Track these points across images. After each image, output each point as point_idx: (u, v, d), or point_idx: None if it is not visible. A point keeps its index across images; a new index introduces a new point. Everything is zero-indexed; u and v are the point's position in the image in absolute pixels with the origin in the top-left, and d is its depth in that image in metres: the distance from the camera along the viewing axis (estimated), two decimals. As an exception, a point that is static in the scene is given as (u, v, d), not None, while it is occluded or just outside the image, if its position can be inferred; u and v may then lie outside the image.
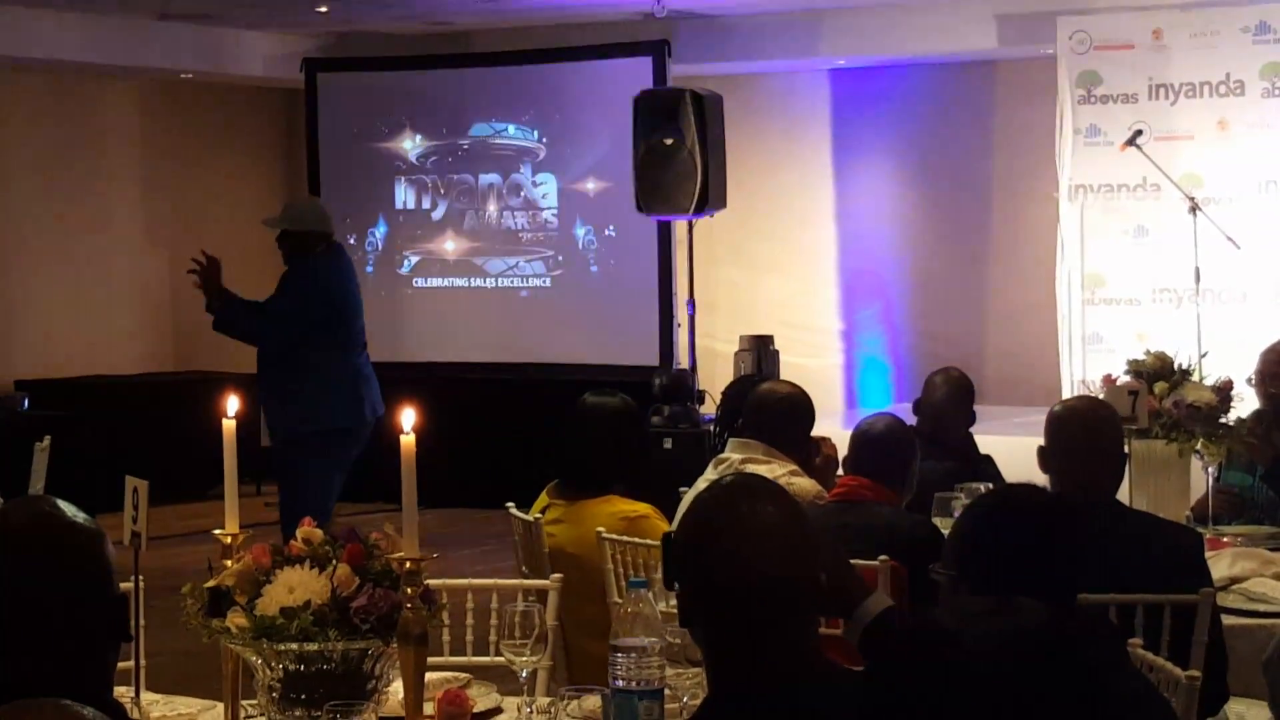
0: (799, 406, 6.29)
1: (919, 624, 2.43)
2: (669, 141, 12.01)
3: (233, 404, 3.99)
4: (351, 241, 14.33)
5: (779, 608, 2.85)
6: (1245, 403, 6.96)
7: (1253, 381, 7.09)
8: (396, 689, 3.80)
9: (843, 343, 14.29)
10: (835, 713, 2.69)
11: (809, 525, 2.98)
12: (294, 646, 3.61)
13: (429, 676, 3.97)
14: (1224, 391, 6.55)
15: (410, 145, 14.39)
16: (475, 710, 4.06)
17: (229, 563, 3.85)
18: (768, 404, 6.30)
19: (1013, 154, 13.45)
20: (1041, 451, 5.24)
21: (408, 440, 3.63)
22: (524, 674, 4.07)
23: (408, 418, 3.63)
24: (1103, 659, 2.83)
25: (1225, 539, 6.14)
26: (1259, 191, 11.25)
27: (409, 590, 3.61)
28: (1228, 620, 5.15)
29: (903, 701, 2.34)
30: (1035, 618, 2.41)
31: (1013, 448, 7.55)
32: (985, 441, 7.55)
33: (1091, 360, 11.30)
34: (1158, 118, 11.44)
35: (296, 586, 3.64)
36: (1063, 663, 2.38)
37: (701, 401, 12.13)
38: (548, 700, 4.10)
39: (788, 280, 14.36)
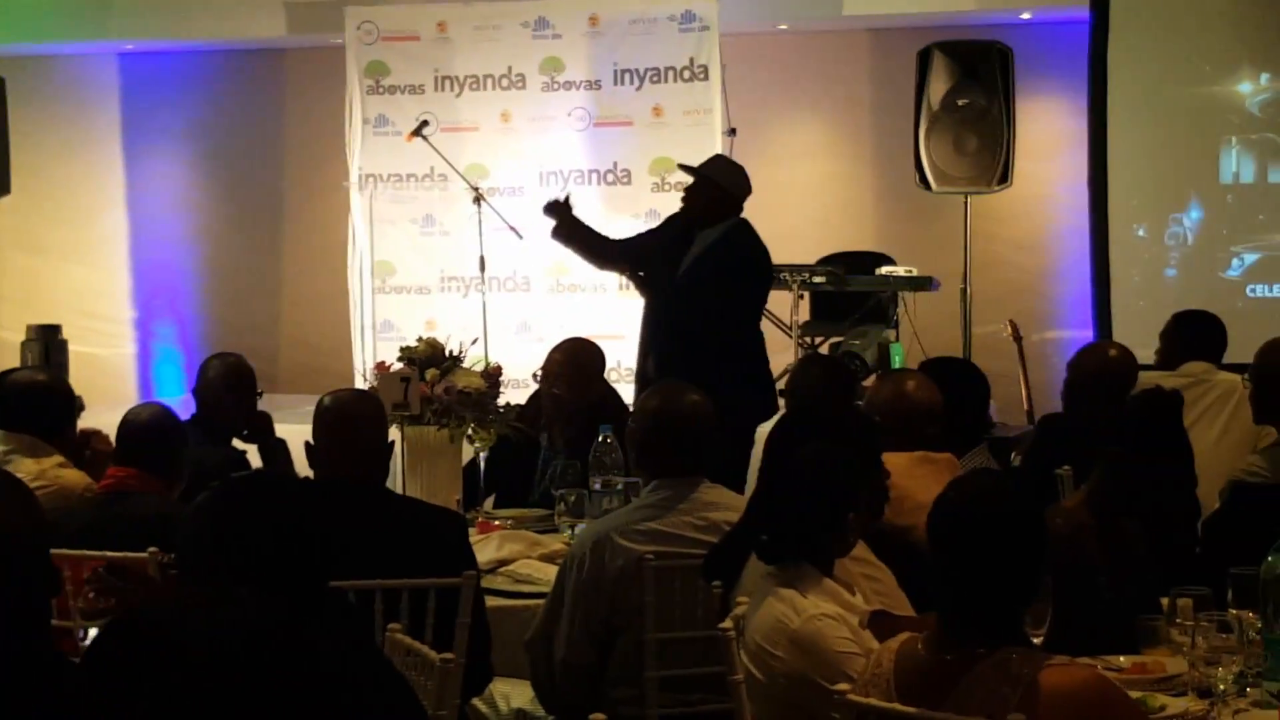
0: (57, 395, 6.12)
1: (141, 617, 2.41)
2: (-55, 124, 11.54)
3: None
4: None
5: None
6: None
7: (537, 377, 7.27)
8: None
9: (136, 332, 14.03)
10: (55, 706, 2.68)
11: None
12: None
13: None
14: (493, 377, 6.75)
15: None
16: None
17: None
18: (26, 394, 6.10)
19: (304, 143, 13.47)
20: (308, 447, 5.27)
21: None
22: None
23: None
24: (334, 645, 2.89)
25: (496, 522, 6.34)
26: (540, 183, 11.56)
27: None
28: (493, 602, 5.32)
29: (117, 696, 2.32)
30: (255, 607, 2.42)
31: (306, 436, 7.55)
32: (281, 430, 7.48)
33: (383, 348, 11.35)
34: (444, 109, 11.64)
35: None
36: (286, 652, 2.39)
37: (-14, 394, 11.70)
38: None
39: (79, 268, 14.01)
